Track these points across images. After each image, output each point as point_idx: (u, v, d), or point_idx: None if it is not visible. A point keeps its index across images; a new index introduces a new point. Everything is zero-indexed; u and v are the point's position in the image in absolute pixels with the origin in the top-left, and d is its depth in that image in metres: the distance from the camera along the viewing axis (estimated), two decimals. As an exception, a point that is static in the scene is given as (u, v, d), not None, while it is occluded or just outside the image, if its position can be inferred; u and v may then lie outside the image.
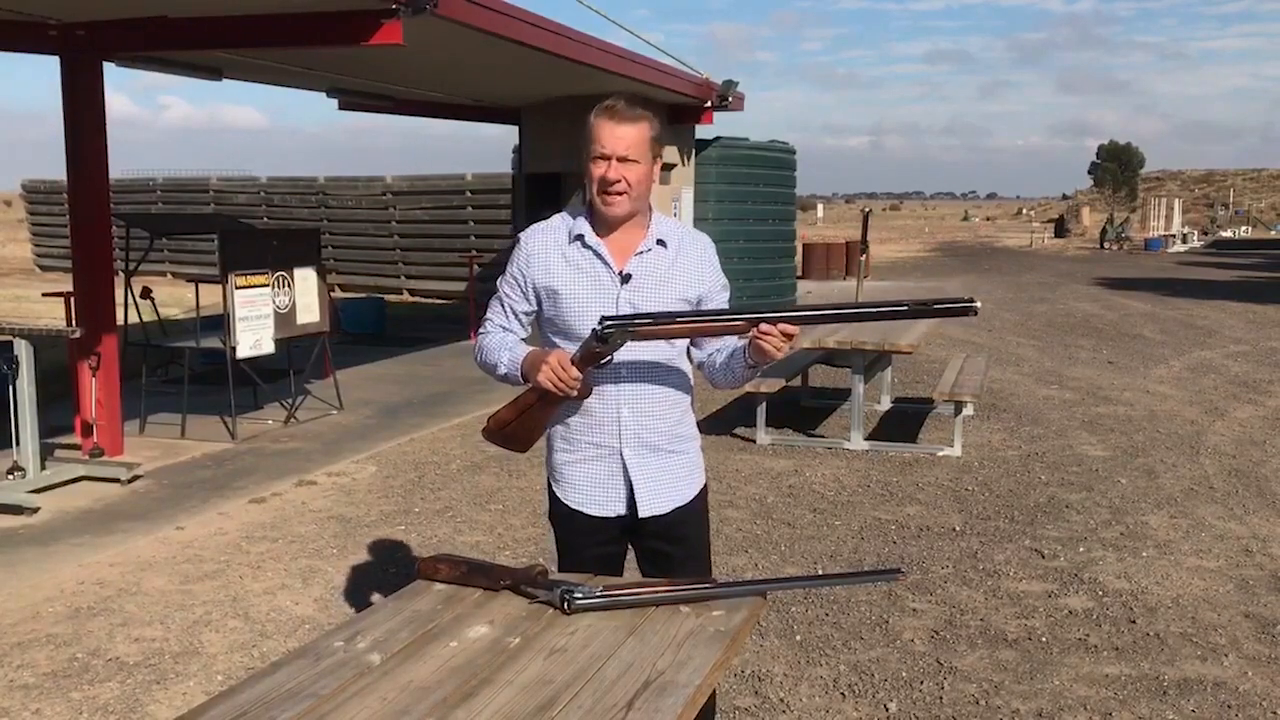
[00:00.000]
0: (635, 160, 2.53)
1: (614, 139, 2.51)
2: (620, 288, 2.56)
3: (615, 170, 2.51)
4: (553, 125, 12.23)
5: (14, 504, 5.95)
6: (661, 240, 2.60)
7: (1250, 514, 6.00)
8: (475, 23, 6.97)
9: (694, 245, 2.65)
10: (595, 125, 2.55)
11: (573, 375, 2.43)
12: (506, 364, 2.60)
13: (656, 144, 2.59)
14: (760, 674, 3.95)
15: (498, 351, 2.63)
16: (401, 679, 1.92)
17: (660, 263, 2.59)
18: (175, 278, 19.12)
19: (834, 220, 59.26)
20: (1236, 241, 41.81)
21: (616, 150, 2.51)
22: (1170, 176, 73.08)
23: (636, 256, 2.58)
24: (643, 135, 2.54)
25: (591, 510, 2.65)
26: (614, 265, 2.57)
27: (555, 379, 2.43)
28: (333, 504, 6.20)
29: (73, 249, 7.48)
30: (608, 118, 2.53)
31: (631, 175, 2.53)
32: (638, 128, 2.53)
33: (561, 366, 2.43)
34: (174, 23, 6.73)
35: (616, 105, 2.55)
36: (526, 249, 2.65)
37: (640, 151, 2.54)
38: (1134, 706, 3.72)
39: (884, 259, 29.64)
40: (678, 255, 2.61)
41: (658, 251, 2.60)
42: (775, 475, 6.82)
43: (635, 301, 2.55)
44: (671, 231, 2.64)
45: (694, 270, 2.62)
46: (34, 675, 3.98)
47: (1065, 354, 12.16)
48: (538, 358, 2.50)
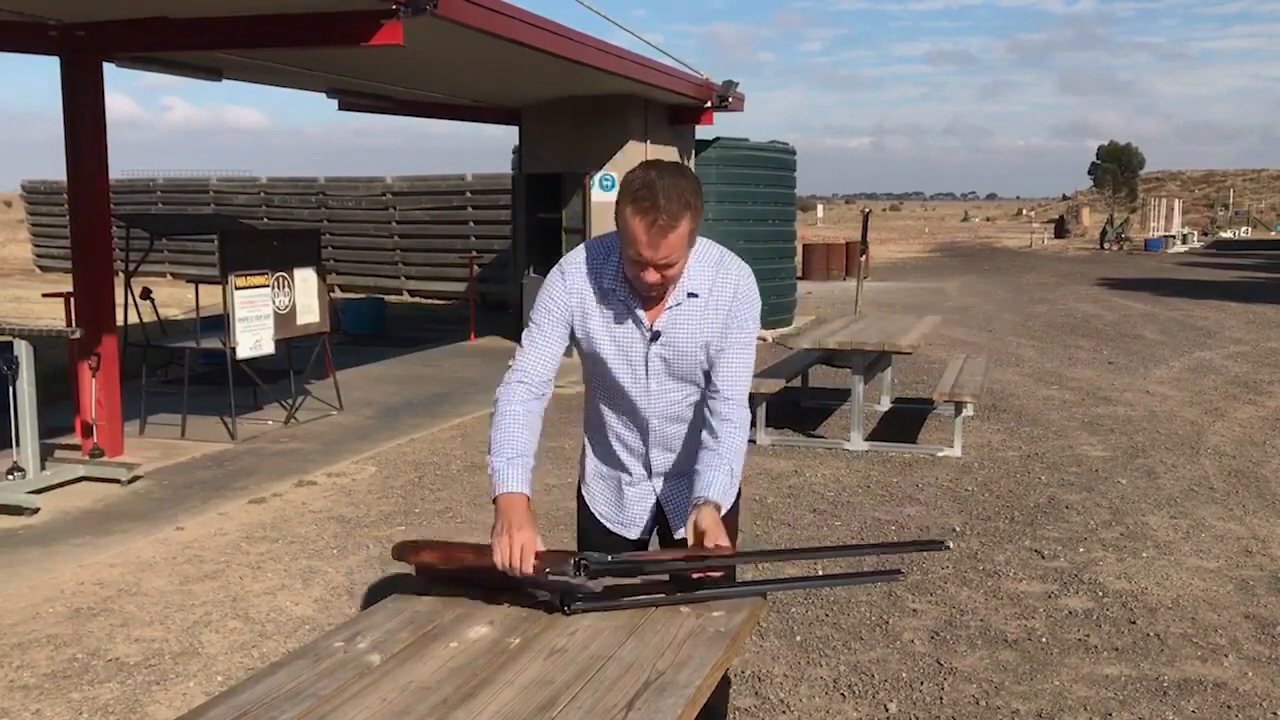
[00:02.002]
0: (676, 260, 2.34)
1: (655, 249, 2.29)
2: (649, 346, 2.50)
3: (654, 274, 2.34)
4: (553, 125, 12.24)
5: (14, 504, 5.95)
6: (693, 293, 2.45)
7: (1250, 514, 6.00)
8: (475, 23, 6.97)
9: (725, 287, 2.47)
10: (632, 225, 2.28)
11: (526, 569, 2.18)
12: (494, 469, 2.34)
13: (696, 222, 2.35)
14: (760, 674, 3.95)
15: (494, 446, 2.38)
16: (401, 679, 1.92)
17: (691, 316, 2.47)
18: (175, 278, 19.13)
19: (834, 221, 59.27)
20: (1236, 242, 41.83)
21: (656, 260, 2.31)
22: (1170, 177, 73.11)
23: (667, 311, 2.46)
24: (684, 233, 2.31)
25: (614, 528, 2.73)
26: (645, 322, 2.47)
27: (508, 560, 2.18)
28: (333, 504, 6.20)
29: (73, 249, 7.47)
30: (650, 224, 2.26)
31: (673, 272, 2.37)
32: (680, 228, 2.29)
33: (522, 556, 2.17)
34: (174, 23, 6.74)
35: (657, 208, 2.25)
36: (570, 285, 2.48)
37: (682, 249, 2.33)
38: (1134, 707, 3.72)
39: (884, 259, 29.65)
40: (706, 305, 2.47)
41: (688, 304, 2.46)
42: (775, 476, 6.82)
43: (665, 355, 2.50)
44: (703, 280, 2.46)
45: (720, 318, 2.47)
46: (34, 676, 3.98)
47: (1065, 354, 12.16)
48: (508, 519, 2.23)
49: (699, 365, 2.51)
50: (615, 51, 9.66)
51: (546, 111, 12.20)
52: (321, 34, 6.59)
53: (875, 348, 7.57)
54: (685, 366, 2.51)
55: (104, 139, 7.31)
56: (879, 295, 18.78)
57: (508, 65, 9.17)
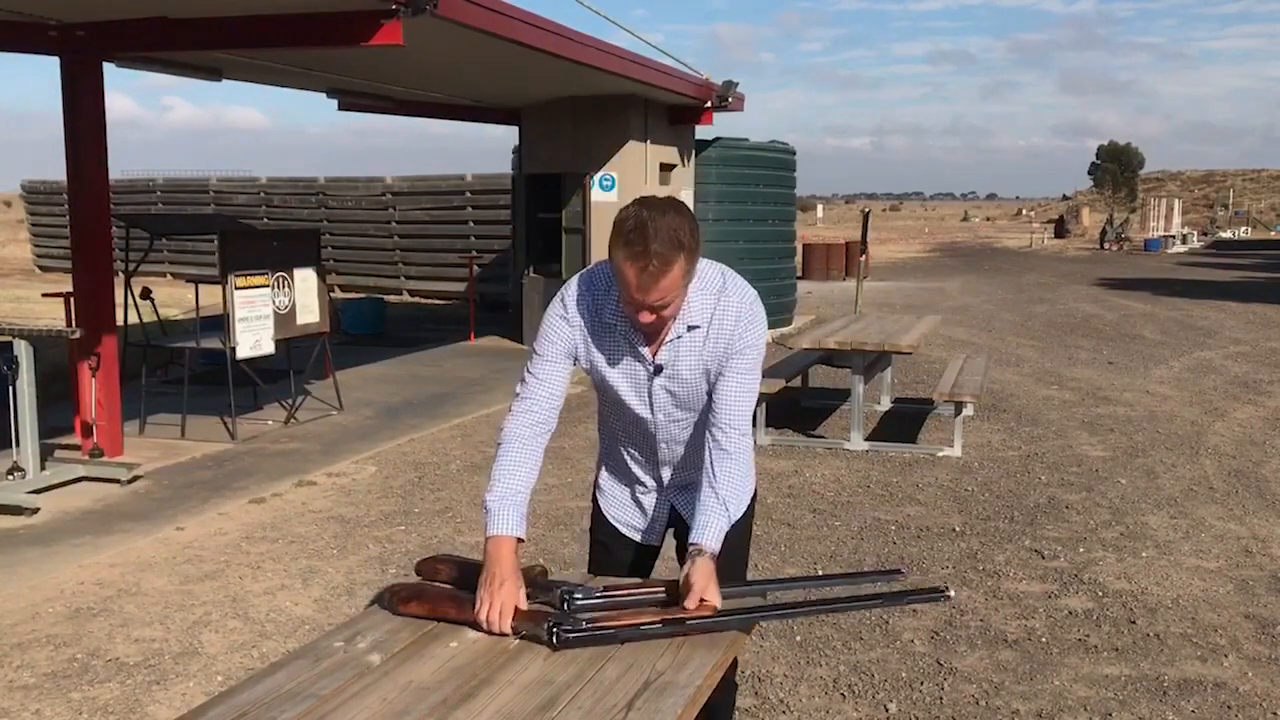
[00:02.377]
0: (671, 300, 2.31)
1: (650, 292, 2.25)
2: (653, 380, 2.49)
3: (649, 315, 2.31)
4: (553, 125, 12.23)
5: (14, 504, 5.95)
6: (694, 325, 2.42)
7: (1250, 514, 6.00)
8: (475, 23, 6.97)
9: (726, 316, 2.43)
10: (625, 268, 2.24)
11: (504, 629, 2.15)
12: (488, 508, 2.33)
13: (693, 261, 2.30)
14: (760, 674, 3.95)
15: (497, 478, 2.37)
16: (401, 679, 1.92)
17: (693, 348, 2.45)
18: (175, 278, 19.13)
19: (834, 221, 59.27)
20: (1236, 242, 41.83)
21: (651, 302, 2.27)
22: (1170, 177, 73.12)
23: (668, 345, 2.44)
24: (678, 275, 2.26)
25: (626, 531, 2.74)
26: (647, 356, 2.46)
27: (488, 616, 2.16)
28: (333, 504, 6.20)
29: (73, 249, 7.47)
30: (642, 269, 2.21)
31: (669, 311, 2.34)
32: (673, 270, 2.23)
33: (501, 615, 2.15)
34: (174, 23, 6.73)
35: (649, 252, 2.20)
36: (572, 318, 2.45)
37: (677, 289, 2.29)
38: (1134, 707, 3.72)
39: (884, 259, 29.65)
40: (708, 336, 2.44)
41: (689, 337, 2.43)
42: (775, 475, 6.82)
43: (669, 388, 2.50)
44: (703, 311, 2.42)
45: (720, 348, 2.45)
46: (34, 675, 3.98)
47: (1065, 354, 12.16)
48: (493, 571, 2.21)
49: (704, 394, 2.50)
50: (615, 51, 9.66)
51: (546, 111, 12.20)
52: (321, 34, 6.58)
53: (875, 348, 7.57)
54: (690, 397, 2.51)
55: (104, 139, 7.31)
56: (879, 295, 18.78)
57: (508, 65, 9.17)
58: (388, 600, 2.26)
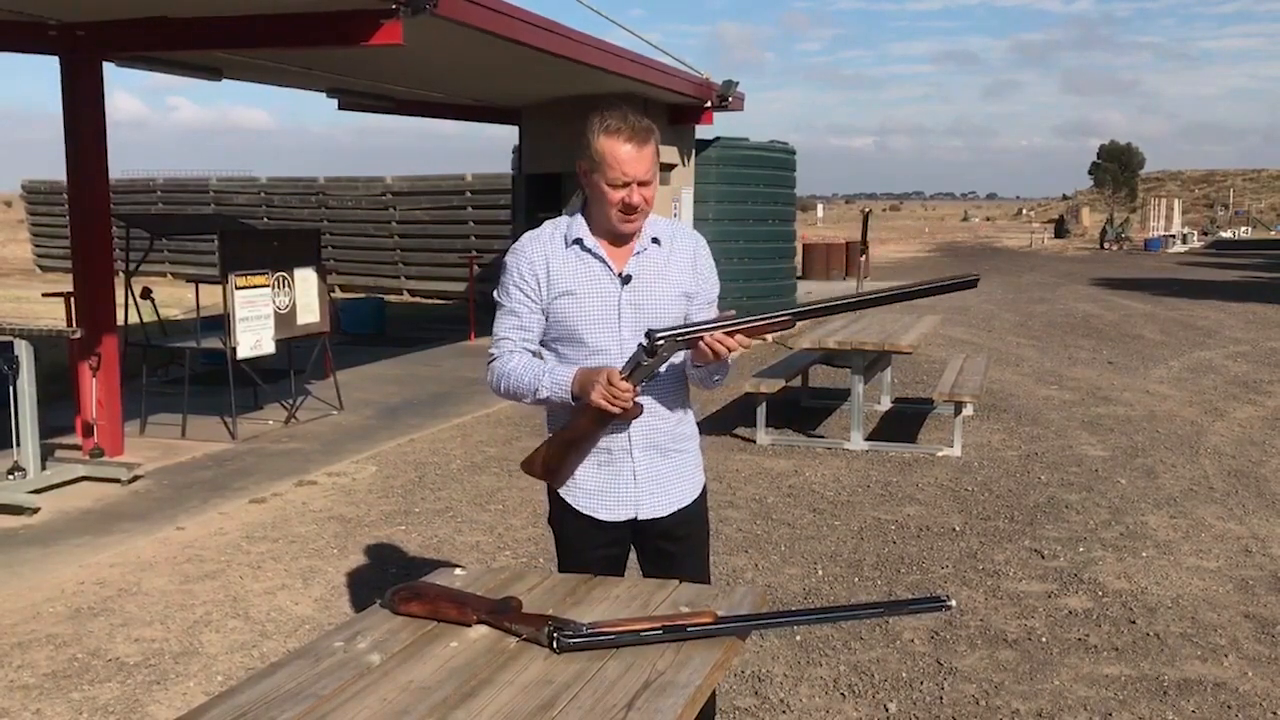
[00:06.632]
0: (651, 180, 2.54)
1: (635, 164, 2.49)
2: (621, 289, 2.57)
3: (637, 194, 2.51)
4: (553, 125, 12.22)
5: (14, 504, 5.95)
6: (656, 239, 2.62)
7: (1250, 514, 6.00)
8: (475, 23, 6.97)
9: (685, 240, 2.68)
10: (609, 149, 2.49)
11: (628, 392, 2.40)
12: (549, 387, 2.51)
13: (658, 152, 2.61)
14: (760, 674, 3.95)
15: (532, 376, 2.54)
16: (401, 679, 1.92)
17: (657, 260, 2.62)
18: (175, 278, 19.13)
19: (834, 220, 59.24)
20: (1236, 242, 41.79)
21: (638, 175, 2.49)
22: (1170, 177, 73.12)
23: (634, 257, 2.60)
24: (654, 151, 2.55)
25: (602, 515, 2.66)
26: (614, 267, 2.58)
27: (611, 397, 2.40)
28: (333, 504, 6.20)
29: (73, 249, 7.48)
30: (624, 140, 2.48)
31: (649, 193, 2.54)
32: (651, 146, 2.53)
33: (616, 384, 2.40)
34: (174, 23, 6.74)
35: (627, 125, 2.49)
36: (528, 257, 2.60)
37: (654, 169, 2.55)
38: (1134, 707, 3.72)
39: (884, 259, 29.65)
40: (671, 251, 2.64)
41: (653, 250, 2.62)
42: (775, 475, 6.83)
43: (636, 301, 2.57)
44: (664, 229, 2.66)
45: (688, 264, 2.65)
46: (34, 675, 3.98)
47: (1065, 354, 12.16)
48: (588, 377, 2.45)
49: (667, 316, 2.56)
50: (615, 51, 9.66)
51: (546, 111, 12.20)
52: (321, 34, 6.59)
53: (875, 347, 7.57)
54: (658, 314, 2.56)
55: (104, 139, 7.31)
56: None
57: (508, 65, 9.17)
58: (388, 600, 2.26)
